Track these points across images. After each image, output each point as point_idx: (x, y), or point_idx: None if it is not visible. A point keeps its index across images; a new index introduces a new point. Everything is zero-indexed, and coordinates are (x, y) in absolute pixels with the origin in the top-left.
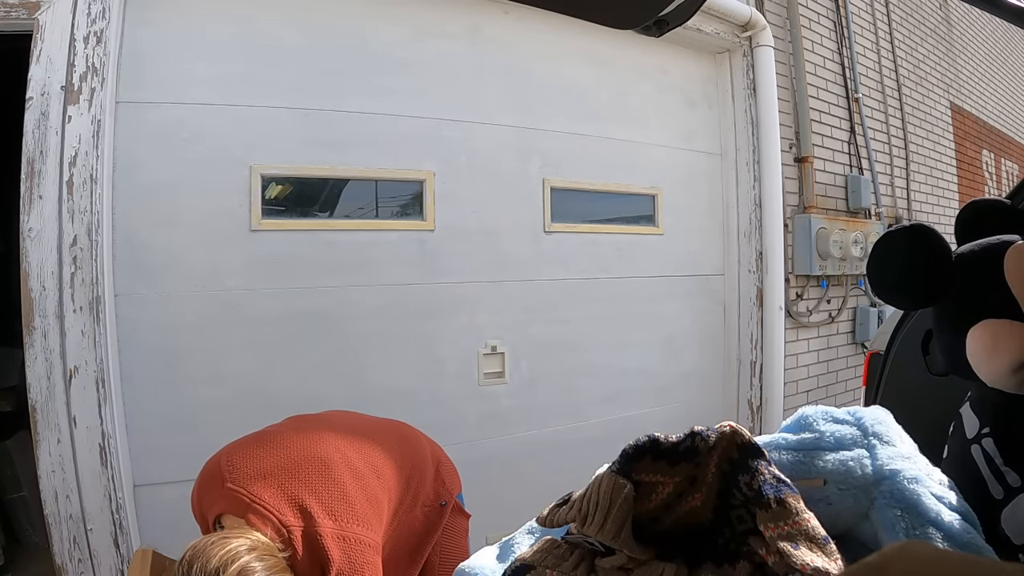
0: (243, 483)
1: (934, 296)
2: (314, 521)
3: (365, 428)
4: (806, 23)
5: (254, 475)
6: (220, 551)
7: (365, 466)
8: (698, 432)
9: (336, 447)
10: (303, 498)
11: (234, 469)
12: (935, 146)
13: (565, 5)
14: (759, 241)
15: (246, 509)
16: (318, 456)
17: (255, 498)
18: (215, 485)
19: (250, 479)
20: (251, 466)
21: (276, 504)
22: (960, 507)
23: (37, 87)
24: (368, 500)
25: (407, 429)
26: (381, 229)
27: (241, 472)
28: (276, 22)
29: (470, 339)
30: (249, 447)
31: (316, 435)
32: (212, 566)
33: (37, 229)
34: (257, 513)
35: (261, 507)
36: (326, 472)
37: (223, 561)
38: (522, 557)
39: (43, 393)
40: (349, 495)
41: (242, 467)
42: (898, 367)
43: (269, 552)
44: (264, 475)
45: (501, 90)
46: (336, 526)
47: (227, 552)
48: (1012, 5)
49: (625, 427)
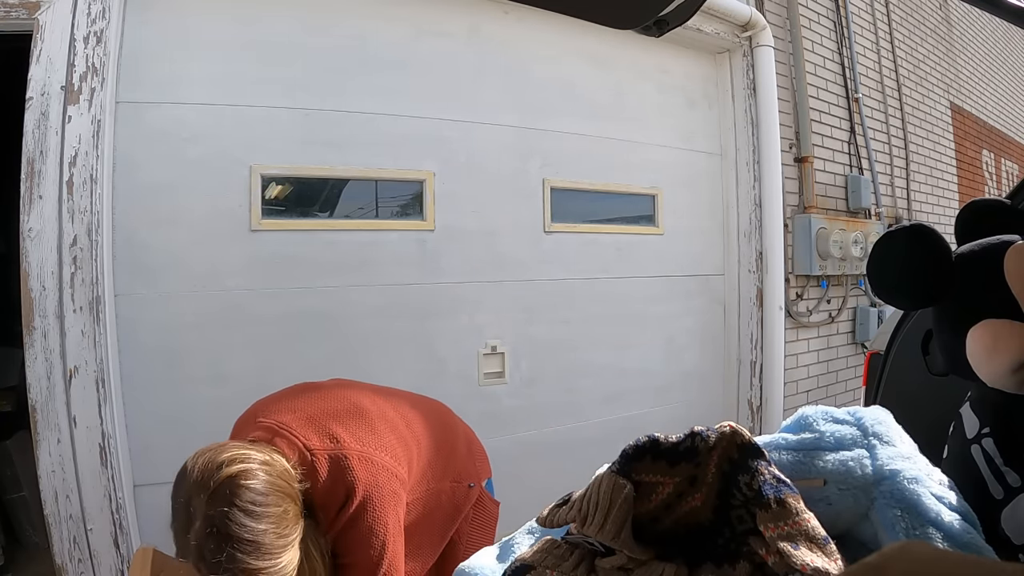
0: (274, 416)
1: (934, 296)
2: (341, 444)
3: (403, 395)
4: (806, 23)
5: (286, 410)
6: (233, 452)
7: (398, 418)
8: (698, 432)
9: (372, 399)
10: (332, 427)
11: (267, 407)
12: (935, 146)
13: (565, 5)
14: (759, 241)
15: (274, 435)
16: (351, 400)
17: (283, 425)
18: (248, 423)
19: (281, 413)
20: (284, 405)
21: (302, 430)
22: (960, 507)
23: (37, 87)
24: (398, 439)
25: (443, 407)
26: (381, 229)
27: (273, 409)
28: (276, 22)
29: (470, 339)
30: (285, 393)
31: (352, 387)
32: (218, 459)
33: (37, 229)
34: (284, 438)
35: (288, 432)
36: (357, 412)
37: (230, 459)
38: (522, 557)
39: (43, 393)
40: (378, 429)
41: (275, 405)
42: (898, 367)
43: (282, 476)
44: (295, 410)
45: (501, 90)
46: (363, 449)
47: (239, 454)
48: (1012, 5)
49: (625, 427)
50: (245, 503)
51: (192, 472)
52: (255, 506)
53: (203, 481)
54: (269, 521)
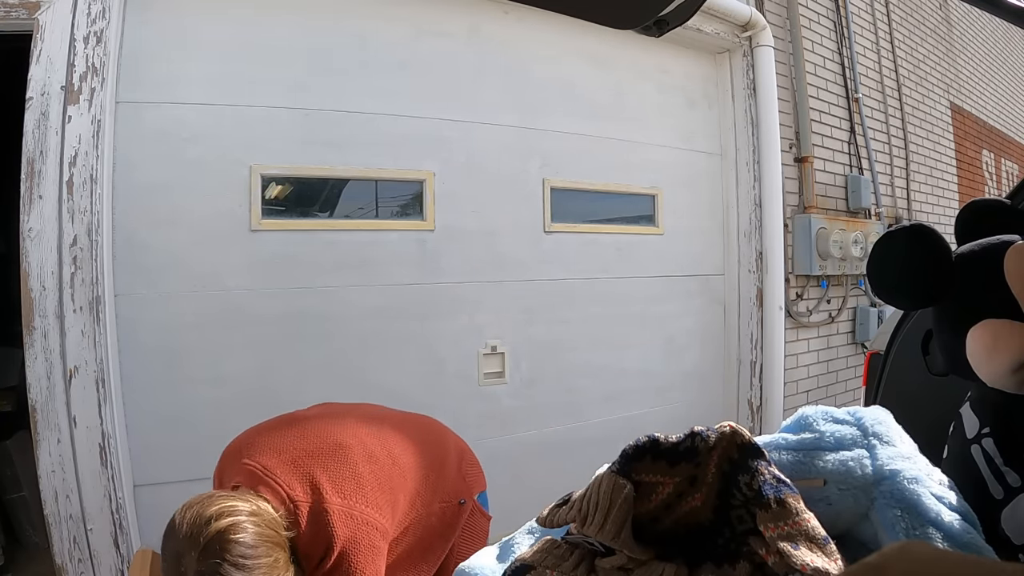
0: (258, 458)
1: (934, 296)
2: (323, 497)
3: (388, 418)
4: (806, 23)
5: (269, 452)
6: (221, 504)
7: (382, 452)
8: (698, 432)
9: (355, 433)
10: (314, 475)
11: (252, 446)
12: (935, 146)
13: (565, 5)
14: (759, 241)
15: (258, 482)
16: (335, 439)
17: (267, 471)
18: (235, 461)
19: (265, 455)
20: (268, 444)
21: (287, 479)
22: (960, 507)
23: (37, 87)
24: (381, 486)
25: (432, 423)
26: (381, 229)
27: (258, 449)
28: (276, 22)
29: (470, 339)
30: (270, 428)
31: (337, 421)
32: (207, 513)
33: (37, 229)
34: (268, 486)
35: (272, 480)
36: (341, 454)
37: (218, 512)
38: (522, 557)
39: (43, 393)
40: (362, 477)
41: (260, 445)
42: (898, 367)
43: (269, 525)
44: (279, 452)
45: (501, 90)
46: (344, 503)
47: (226, 507)
48: (1012, 5)
49: (625, 427)
50: (235, 557)
51: (181, 527)
52: (245, 559)
53: (193, 536)
54: (260, 572)
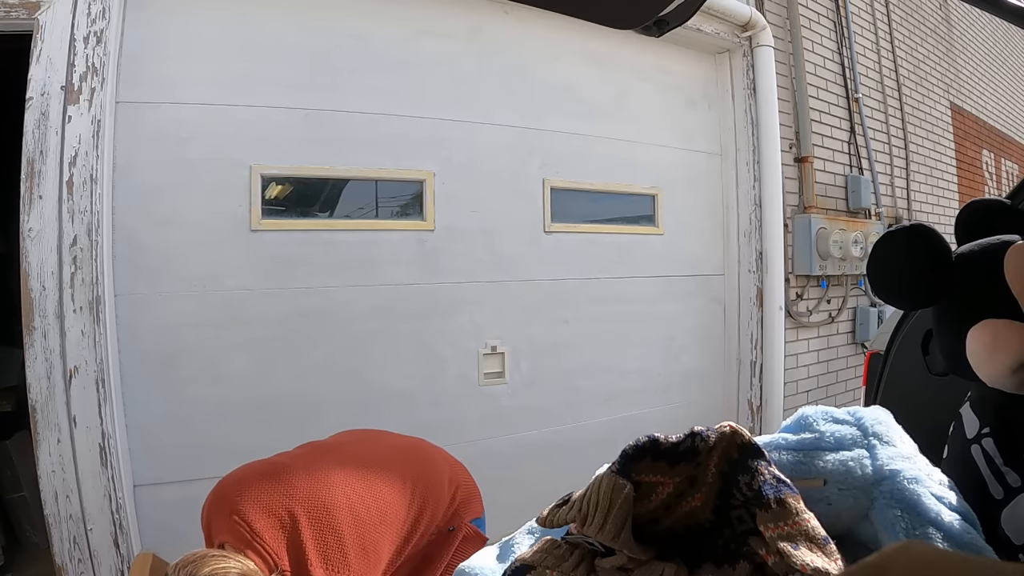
0: (247, 518)
1: (934, 296)
2: (307, 569)
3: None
4: (806, 23)
5: (259, 511)
6: (214, 565)
7: (369, 513)
8: (698, 432)
9: (343, 490)
10: (301, 542)
11: (242, 500)
12: (935, 146)
13: (565, 5)
14: (759, 241)
15: (246, 545)
16: (322, 501)
17: (256, 536)
18: (223, 512)
19: (255, 515)
20: (258, 500)
21: (274, 546)
22: (960, 507)
23: (37, 87)
24: (364, 550)
25: (425, 457)
26: (381, 229)
27: (248, 505)
28: (276, 22)
29: (470, 339)
30: (259, 479)
31: (324, 475)
32: (201, 574)
33: (37, 229)
34: (255, 551)
35: (260, 547)
36: (327, 519)
37: (210, 574)
38: (522, 557)
39: (43, 393)
40: (345, 545)
41: (249, 500)
42: (898, 367)
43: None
44: (268, 513)
45: (501, 90)
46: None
47: (219, 568)
48: (1012, 5)
49: (625, 427)
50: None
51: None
52: None
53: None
54: None
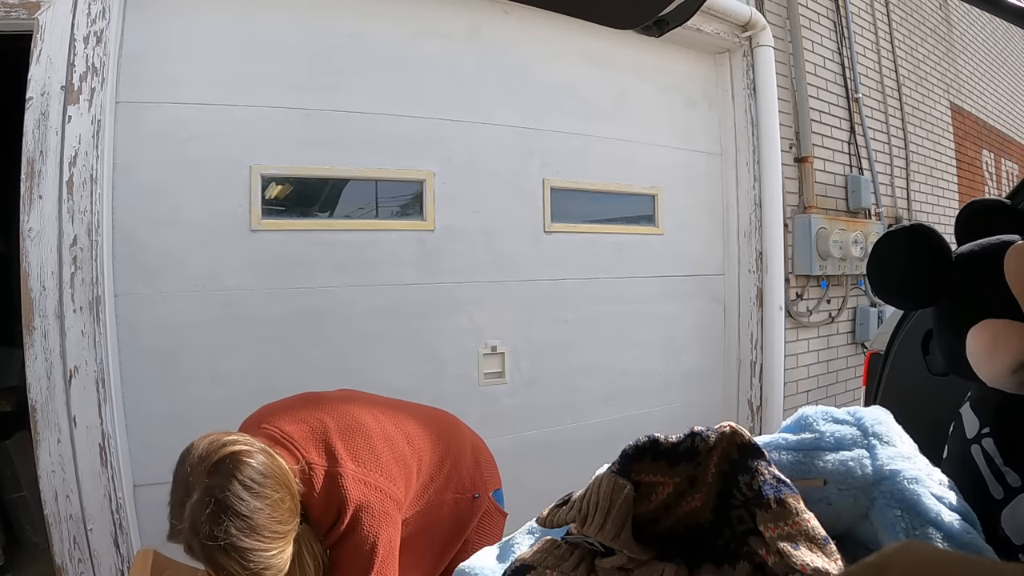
0: (277, 424)
1: (934, 296)
2: (338, 462)
3: (407, 408)
4: (806, 23)
5: (289, 420)
6: (238, 438)
7: (398, 433)
8: (698, 432)
9: (374, 414)
10: (331, 441)
11: (272, 416)
12: (935, 146)
13: (565, 5)
14: (759, 241)
15: (276, 444)
16: (354, 416)
17: (285, 435)
18: (253, 427)
19: (284, 423)
20: (288, 415)
21: (303, 443)
22: (960, 507)
23: (37, 87)
24: (396, 460)
25: (450, 418)
26: (381, 229)
27: (278, 418)
28: (276, 22)
29: (470, 339)
30: (291, 403)
31: (358, 403)
32: (224, 439)
33: (37, 229)
34: (285, 448)
35: (289, 443)
36: (359, 429)
37: (235, 439)
38: (522, 557)
39: (43, 393)
40: (377, 449)
41: (279, 415)
42: (898, 367)
43: (281, 468)
44: (298, 421)
45: (501, 90)
46: (359, 470)
47: (243, 438)
48: (1012, 5)
49: (625, 427)
50: (245, 478)
51: (197, 447)
52: (254, 484)
53: (206, 455)
54: (266, 502)
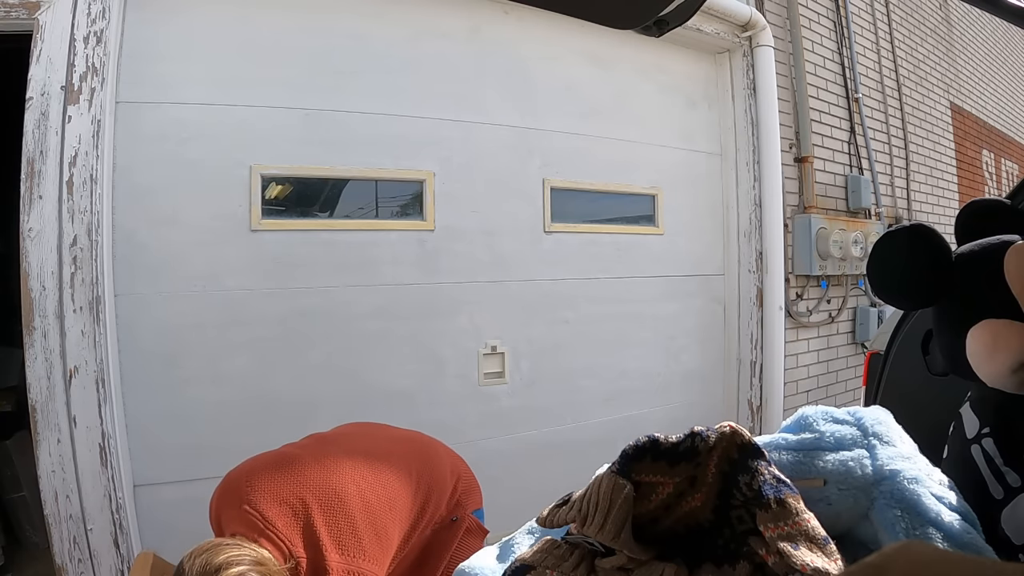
0: (259, 507)
1: (934, 296)
2: (322, 555)
3: (383, 453)
4: (806, 23)
5: (271, 500)
6: (230, 553)
7: (378, 499)
8: (698, 432)
9: (352, 478)
10: (315, 529)
11: (253, 491)
12: (935, 146)
13: (565, 5)
14: (759, 241)
15: (259, 534)
16: (333, 488)
17: (269, 525)
18: (233, 503)
19: (266, 504)
20: (269, 490)
21: (288, 533)
22: (960, 507)
23: (37, 87)
24: (377, 535)
25: (429, 446)
26: (381, 229)
27: (259, 495)
28: (276, 22)
29: (470, 339)
30: (269, 470)
31: (334, 463)
32: (215, 562)
33: (37, 229)
34: (269, 539)
35: (274, 535)
36: (339, 505)
37: (227, 562)
38: (522, 557)
39: (43, 393)
40: (359, 530)
41: (260, 490)
42: (898, 367)
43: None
44: (280, 502)
45: (501, 90)
46: (343, 560)
47: (235, 556)
48: (1012, 5)
49: (625, 427)
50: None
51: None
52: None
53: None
54: None
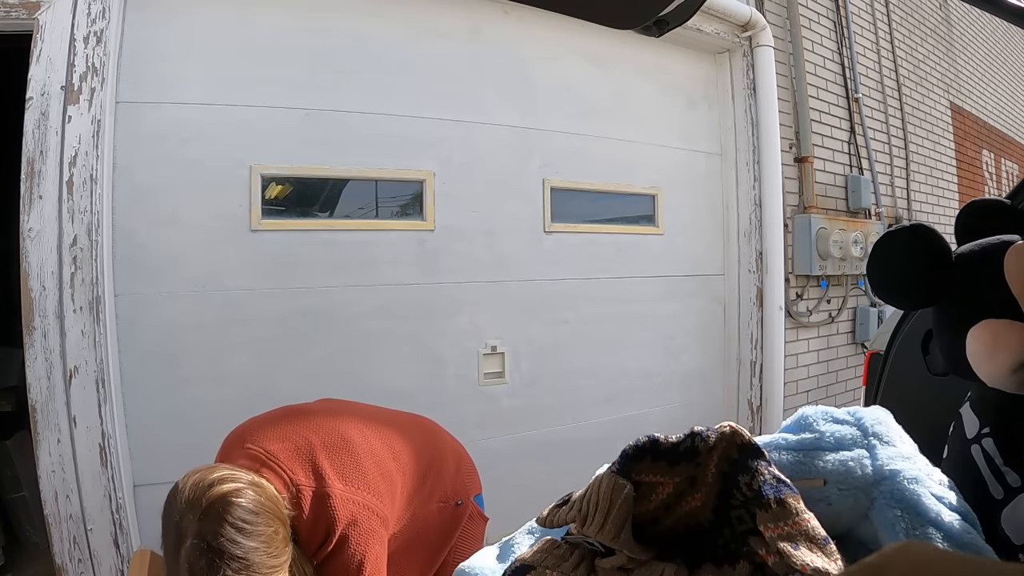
0: (261, 443)
1: (934, 296)
2: (325, 482)
3: (389, 417)
4: (806, 23)
5: (273, 438)
6: (225, 472)
7: (383, 448)
8: (698, 432)
9: (359, 428)
10: (317, 461)
11: (256, 433)
12: (935, 146)
13: (565, 5)
14: (759, 241)
15: (262, 465)
16: (338, 431)
17: (271, 456)
18: (237, 446)
19: (269, 441)
20: (272, 432)
21: (290, 464)
22: (960, 507)
23: (37, 87)
24: (383, 476)
25: (431, 425)
26: (381, 229)
27: (262, 436)
28: (276, 22)
29: (470, 339)
30: (275, 418)
31: (342, 417)
32: (210, 478)
33: (37, 229)
34: (271, 469)
35: (275, 464)
36: (344, 446)
37: (220, 478)
38: (522, 557)
39: (43, 393)
40: (363, 467)
41: (263, 432)
42: (898, 367)
43: (271, 499)
44: (283, 439)
45: (501, 90)
46: (347, 489)
47: (231, 474)
48: (1012, 5)
49: (625, 427)
50: (236, 520)
51: (183, 491)
52: (246, 524)
53: (194, 499)
54: (260, 540)
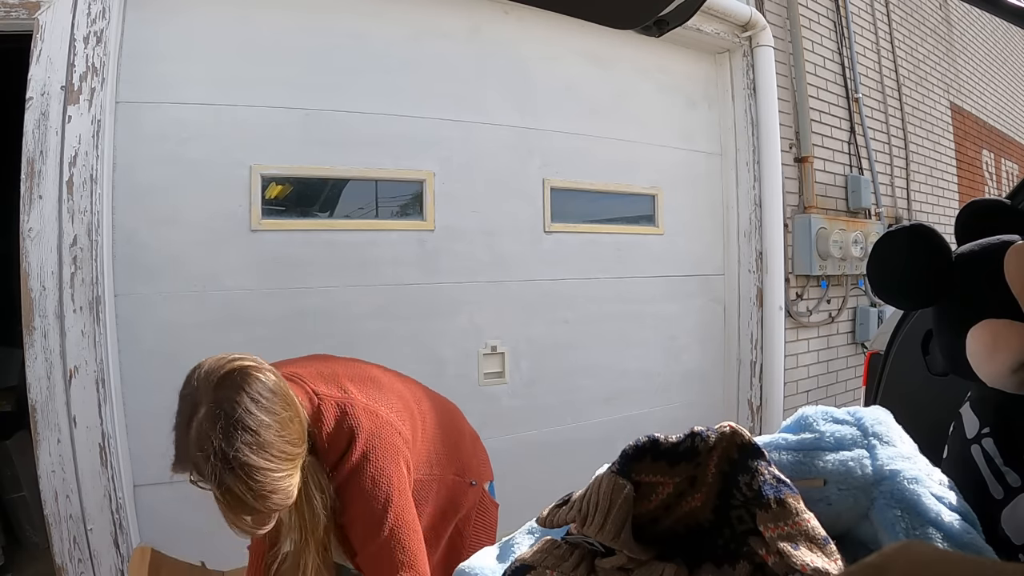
0: (287, 368)
1: (934, 296)
2: (349, 395)
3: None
4: (806, 23)
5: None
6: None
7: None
8: (698, 432)
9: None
10: (340, 380)
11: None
12: (935, 146)
13: (565, 5)
14: (759, 241)
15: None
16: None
17: (295, 373)
18: None
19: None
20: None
21: (313, 379)
22: (960, 507)
23: (37, 87)
24: (407, 413)
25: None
26: (381, 229)
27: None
28: (276, 22)
29: (470, 339)
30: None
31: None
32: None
33: (37, 229)
34: (294, 383)
35: (298, 379)
36: (369, 378)
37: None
38: (522, 557)
39: (43, 393)
40: (387, 394)
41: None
42: (898, 367)
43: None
44: (309, 366)
45: (501, 90)
46: (370, 403)
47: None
48: (1012, 5)
49: (625, 427)
50: (254, 392)
51: (203, 365)
52: (263, 398)
53: (213, 369)
54: (275, 419)
